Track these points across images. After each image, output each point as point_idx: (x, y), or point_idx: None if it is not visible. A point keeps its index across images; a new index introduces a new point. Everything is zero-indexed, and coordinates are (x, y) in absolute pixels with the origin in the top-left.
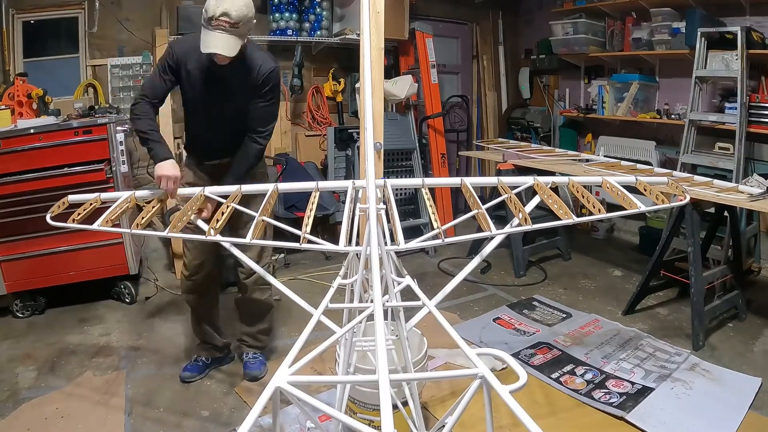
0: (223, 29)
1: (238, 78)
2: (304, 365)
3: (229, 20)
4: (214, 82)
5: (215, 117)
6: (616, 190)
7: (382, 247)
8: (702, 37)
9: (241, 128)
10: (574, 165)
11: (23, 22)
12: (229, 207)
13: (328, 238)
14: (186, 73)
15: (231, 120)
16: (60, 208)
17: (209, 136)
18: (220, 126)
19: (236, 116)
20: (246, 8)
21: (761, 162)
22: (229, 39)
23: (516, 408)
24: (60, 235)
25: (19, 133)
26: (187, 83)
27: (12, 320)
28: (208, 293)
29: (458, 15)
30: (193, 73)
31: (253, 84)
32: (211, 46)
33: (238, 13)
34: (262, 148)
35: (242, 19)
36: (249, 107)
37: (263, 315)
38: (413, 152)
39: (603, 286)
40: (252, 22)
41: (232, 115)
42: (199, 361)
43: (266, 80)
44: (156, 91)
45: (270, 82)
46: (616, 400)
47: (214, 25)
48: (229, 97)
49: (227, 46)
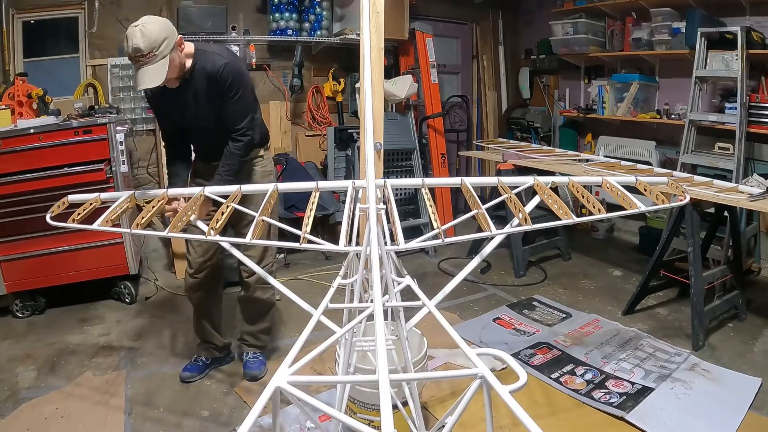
0: (143, 63)
1: (199, 88)
2: (304, 365)
3: (142, 53)
4: (180, 101)
5: (197, 133)
6: (616, 190)
7: (382, 247)
8: (702, 37)
9: (222, 134)
10: (574, 165)
11: (23, 22)
12: (229, 207)
13: (327, 238)
14: (157, 103)
15: (210, 131)
16: (60, 208)
17: (199, 151)
18: (204, 139)
19: (215, 125)
20: (154, 34)
21: (761, 162)
22: (150, 70)
23: (516, 408)
24: (60, 235)
25: (19, 133)
26: (163, 108)
27: (12, 320)
28: (210, 291)
29: (458, 15)
30: (162, 99)
31: (214, 87)
32: (141, 83)
33: (147, 44)
34: (243, 145)
35: (153, 46)
36: (218, 110)
37: (264, 314)
38: (413, 152)
39: (603, 286)
40: (170, 38)
41: (209, 124)
42: (199, 360)
43: (224, 76)
44: (162, 127)
45: (227, 77)
46: (616, 400)
47: (135, 64)
48: (199, 109)
49: (154, 77)
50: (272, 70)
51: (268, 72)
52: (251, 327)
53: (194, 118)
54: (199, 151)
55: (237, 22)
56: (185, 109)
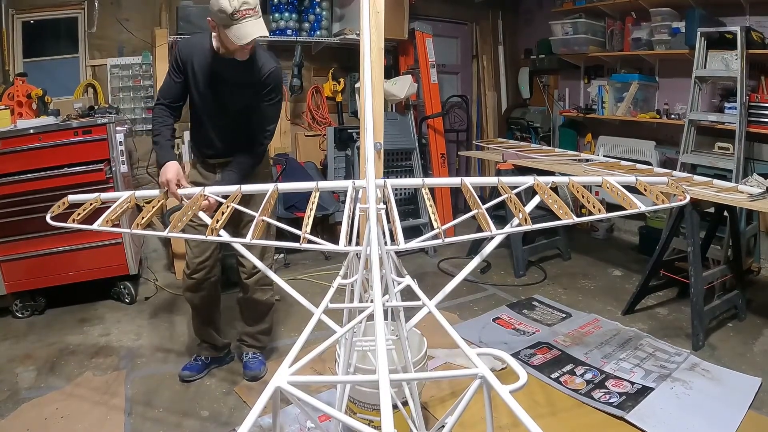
0: (249, 17)
1: (242, 77)
2: (304, 365)
3: (250, 6)
4: (218, 81)
5: (220, 116)
6: (616, 190)
7: (382, 247)
8: (702, 37)
9: (244, 128)
10: (573, 165)
11: (23, 22)
12: (229, 207)
13: (327, 238)
14: (192, 72)
15: (235, 119)
16: (60, 208)
17: (214, 136)
18: (225, 125)
19: (240, 116)
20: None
21: (761, 162)
22: (258, 23)
23: (516, 408)
24: (60, 235)
25: (19, 133)
26: (193, 83)
27: (12, 320)
28: (208, 291)
29: (458, 15)
30: (198, 72)
31: (256, 83)
32: (250, 34)
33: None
34: (265, 148)
35: (257, 2)
36: (252, 107)
37: (264, 315)
38: (413, 152)
39: (603, 286)
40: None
41: (236, 115)
42: (198, 360)
43: (269, 80)
44: (168, 92)
45: (272, 82)
46: (615, 400)
47: (238, 17)
48: (233, 97)
49: (261, 28)
50: None
51: None
52: (251, 328)
53: (220, 101)
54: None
55: None
56: (216, 88)
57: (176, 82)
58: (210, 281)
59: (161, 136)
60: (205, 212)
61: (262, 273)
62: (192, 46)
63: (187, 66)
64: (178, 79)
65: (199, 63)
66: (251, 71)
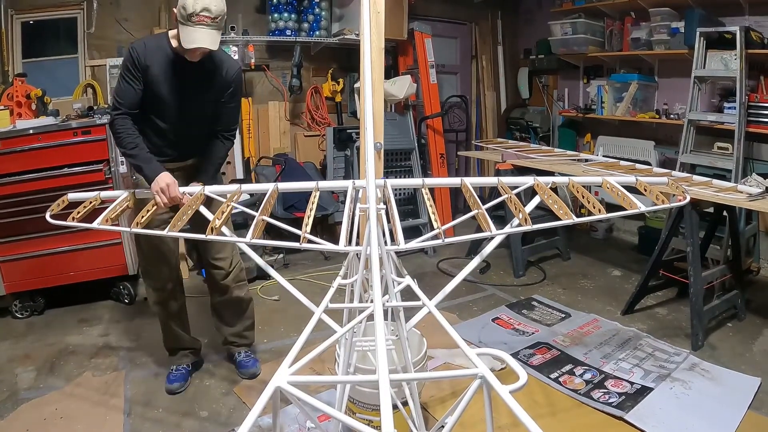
0: (204, 24)
1: (205, 78)
2: (304, 365)
3: (210, 15)
4: (181, 83)
5: (183, 121)
6: (616, 190)
7: (382, 247)
8: (701, 37)
9: (207, 130)
10: (573, 165)
11: (22, 22)
12: (230, 206)
13: (327, 239)
14: (152, 75)
15: (198, 123)
16: (59, 206)
17: (174, 141)
18: (187, 130)
19: (203, 117)
20: (222, 3)
21: (760, 162)
22: (211, 33)
23: (516, 408)
24: (59, 235)
25: (18, 133)
26: (154, 86)
27: (11, 321)
28: (176, 298)
29: (457, 15)
30: (161, 77)
31: (220, 84)
32: (197, 41)
33: (217, 9)
34: (230, 147)
35: (221, 13)
36: (215, 108)
37: (245, 311)
38: (412, 152)
39: (602, 286)
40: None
41: (199, 116)
42: (181, 369)
43: (233, 81)
44: (128, 100)
45: (236, 82)
46: (615, 400)
47: (195, 21)
48: (196, 98)
49: (212, 41)
50: (271, 71)
51: (267, 72)
52: (236, 327)
53: (183, 103)
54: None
55: (236, 23)
56: (179, 91)
57: (135, 88)
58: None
59: (139, 148)
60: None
61: (237, 270)
62: (151, 50)
63: (147, 71)
64: (137, 85)
65: (161, 68)
66: (215, 72)
